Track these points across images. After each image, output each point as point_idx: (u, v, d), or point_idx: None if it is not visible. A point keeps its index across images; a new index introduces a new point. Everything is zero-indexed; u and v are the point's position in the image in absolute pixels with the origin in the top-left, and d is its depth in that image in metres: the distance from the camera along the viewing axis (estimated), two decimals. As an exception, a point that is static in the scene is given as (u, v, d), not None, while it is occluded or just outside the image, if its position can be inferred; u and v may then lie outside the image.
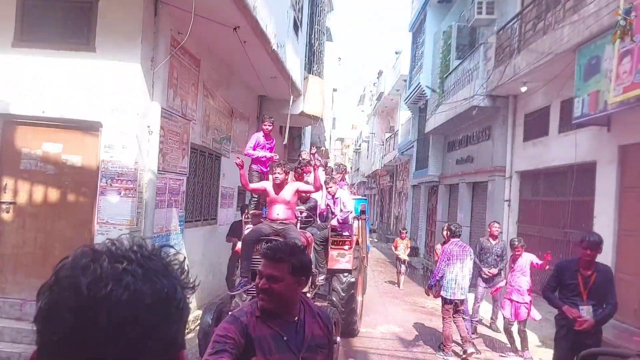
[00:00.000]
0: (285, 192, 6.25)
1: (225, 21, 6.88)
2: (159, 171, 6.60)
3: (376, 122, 35.11)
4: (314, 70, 13.37)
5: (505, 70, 10.65)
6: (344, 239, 7.80)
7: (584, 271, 4.81)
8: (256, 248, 6.00)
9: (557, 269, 5.06)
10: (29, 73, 6.15)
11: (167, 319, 0.80)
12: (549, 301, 5.05)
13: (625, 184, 7.86)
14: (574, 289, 4.83)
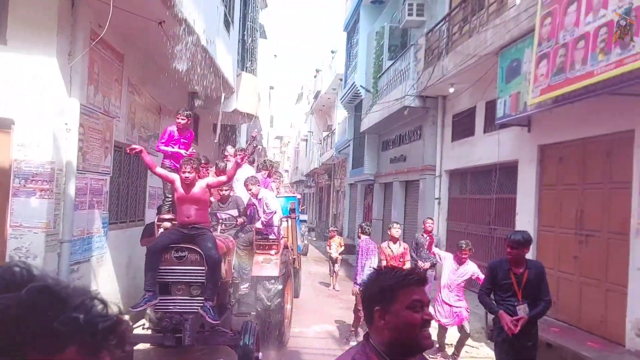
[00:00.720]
0: (194, 190, 5.62)
1: (148, 15, 6.64)
2: (79, 171, 6.29)
3: (314, 121, 35.22)
4: (248, 68, 13.21)
5: (433, 71, 10.92)
6: (270, 242, 7.16)
7: (515, 269, 4.73)
8: (164, 257, 5.42)
9: (490, 270, 4.94)
10: None
11: None
12: (485, 305, 4.97)
13: (544, 182, 8.24)
14: (508, 289, 4.74)
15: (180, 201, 5.66)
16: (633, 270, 6.09)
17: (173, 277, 5.45)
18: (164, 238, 5.61)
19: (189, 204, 5.60)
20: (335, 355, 6.63)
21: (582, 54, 5.90)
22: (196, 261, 5.43)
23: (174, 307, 5.40)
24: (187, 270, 5.44)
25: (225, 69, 10.23)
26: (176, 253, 5.44)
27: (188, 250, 5.44)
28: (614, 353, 6.02)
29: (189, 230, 5.54)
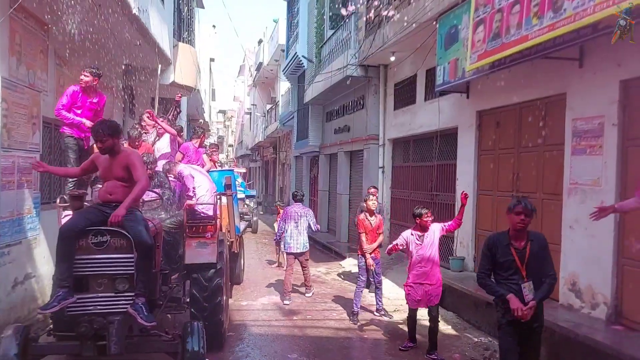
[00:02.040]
0: (116, 164, 4.69)
1: (72, -19, 6.24)
2: (4, 148, 5.93)
3: (257, 94, 34.71)
4: (185, 38, 12.78)
5: (374, 39, 10.89)
6: (204, 223, 6.14)
7: (516, 243, 4.29)
8: (79, 244, 4.33)
9: (487, 247, 4.43)
10: None
11: None
12: (488, 289, 4.43)
13: (482, 147, 8.45)
14: (509, 267, 4.26)
15: (103, 178, 4.85)
16: (566, 228, 6.37)
17: (92, 269, 4.37)
18: (78, 219, 4.48)
19: (111, 180, 4.71)
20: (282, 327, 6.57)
21: (517, 18, 6.00)
22: (122, 247, 4.41)
23: (95, 307, 4.33)
24: (111, 260, 4.39)
25: (161, 39, 9.84)
26: (95, 238, 4.36)
27: (111, 234, 4.38)
28: (548, 308, 6.30)
29: (112, 209, 4.47)
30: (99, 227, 4.38)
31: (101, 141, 4.59)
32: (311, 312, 8.18)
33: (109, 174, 4.73)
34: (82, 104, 6.13)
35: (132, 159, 4.72)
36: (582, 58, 6.06)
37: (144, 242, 4.43)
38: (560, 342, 5.56)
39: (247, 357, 6.15)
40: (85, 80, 6.09)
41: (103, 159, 4.77)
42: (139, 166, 4.72)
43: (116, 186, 4.67)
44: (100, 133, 4.58)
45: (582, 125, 6.09)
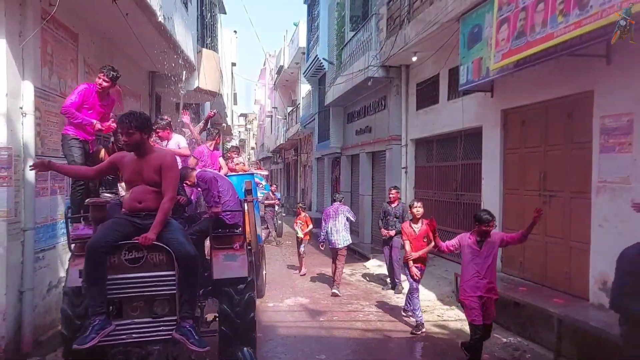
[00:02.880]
0: (148, 166, 4.04)
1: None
2: (38, 156, 6.08)
3: (278, 96, 34.89)
4: (208, 44, 12.94)
5: (396, 40, 10.89)
6: (231, 232, 5.53)
7: None
8: (110, 262, 3.80)
9: (626, 263, 3.61)
10: None
11: None
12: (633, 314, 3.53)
13: (508, 146, 8.39)
14: None
15: (129, 182, 4.17)
16: (595, 227, 6.29)
17: (127, 291, 3.85)
18: (107, 232, 3.85)
19: (141, 185, 4.09)
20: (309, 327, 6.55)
21: (542, 16, 5.96)
22: (161, 263, 3.90)
23: (130, 336, 3.83)
24: (149, 279, 3.87)
25: (185, 45, 9.99)
26: (129, 254, 3.84)
27: (147, 249, 3.86)
28: (579, 307, 6.25)
29: (142, 219, 3.95)
30: (134, 241, 3.80)
31: (127, 134, 3.96)
32: (337, 313, 8.22)
33: (137, 177, 4.07)
34: (92, 104, 5.63)
35: (168, 162, 4.08)
36: (609, 55, 5.99)
37: (188, 255, 3.86)
38: (592, 341, 5.50)
39: (275, 357, 6.22)
40: (104, 86, 5.72)
41: (129, 160, 4.09)
42: (174, 173, 4.14)
43: (146, 192, 4.03)
44: (127, 124, 3.95)
45: (611, 123, 6.02)
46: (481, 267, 5.53)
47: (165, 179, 4.04)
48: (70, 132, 5.61)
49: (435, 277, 9.59)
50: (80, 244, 4.51)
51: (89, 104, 5.63)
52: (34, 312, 5.95)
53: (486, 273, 5.53)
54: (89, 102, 5.61)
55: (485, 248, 5.57)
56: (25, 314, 5.80)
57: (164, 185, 4.03)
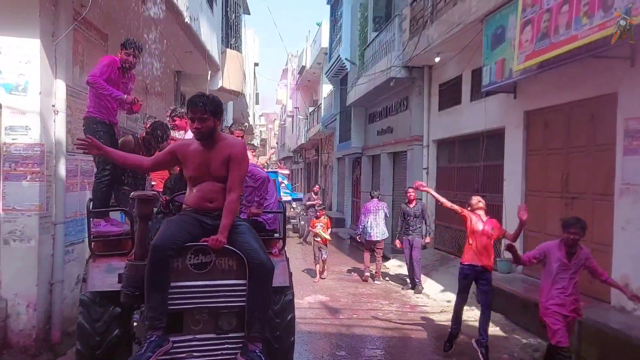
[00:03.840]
0: (216, 157, 3.47)
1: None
2: (69, 152, 6.28)
3: (300, 96, 35.06)
4: (232, 44, 13.12)
5: (419, 41, 10.92)
6: (270, 237, 4.75)
7: None
8: (174, 266, 3.31)
9: None
10: None
11: None
12: None
13: (530, 147, 8.37)
14: None
15: (197, 172, 3.51)
16: (617, 229, 6.26)
17: (190, 302, 3.35)
18: (176, 231, 3.33)
19: (212, 178, 3.50)
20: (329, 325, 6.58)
21: (566, 18, 5.96)
22: (230, 270, 3.41)
23: (189, 354, 3.35)
24: (215, 288, 3.37)
25: (210, 46, 10.17)
26: (195, 258, 3.35)
27: (216, 252, 3.37)
28: (600, 310, 6.23)
29: (213, 219, 3.45)
30: (202, 244, 3.32)
31: (200, 119, 3.36)
32: (357, 311, 8.30)
33: (204, 171, 3.48)
34: (115, 81, 5.07)
35: (237, 153, 3.49)
36: (633, 57, 5.95)
37: (262, 262, 3.34)
38: (612, 344, 5.49)
39: (296, 353, 6.31)
40: (132, 61, 5.14)
41: (195, 151, 3.48)
42: (244, 167, 3.57)
43: (217, 190, 3.49)
44: (200, 107, 3.35)
45: (635, 125, 5.99)
46: (568, 282, 4.95)
47: (233, 171, 3.45)
48: (95, 114, 4.93)
49: (455, 278, 9.56)
50: (102, 242, 4.29)
51: (112, 80, 5.02)
52: (63, 304, 6.14)
53: (573, 290, 4.98)
54: (112, 77, 5.01)
55: (575, 261, 4.97)
56: (54, 305, 6.00)
57: (231, 180, 3.46)
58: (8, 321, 5.67)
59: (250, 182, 4.98)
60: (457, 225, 10.87)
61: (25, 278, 5.69)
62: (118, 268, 3.80)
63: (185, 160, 3.57)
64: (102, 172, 4.92)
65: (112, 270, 3.90)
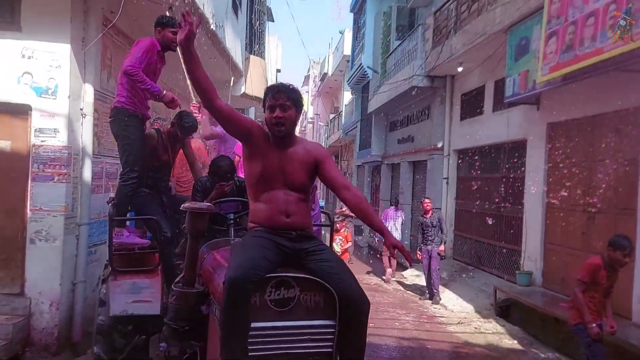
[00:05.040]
0: (297, 159, 2.84)
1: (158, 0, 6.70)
2: (95, 155, 6.42)
3: (320, 103, 35.17)
4: (255, 51, 13.25)
5: (442, 50, 10.92)
6: None
7: None
8: (253, 301, 2.53)
9: None
10: (-52, 54, 5.81)
11: None
12: None
13: (552, 160, 8.30)
14: None
15: (269, 174, 2.81)
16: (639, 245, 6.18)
17: (268, 348, 2.59)
18: (255, 259, 2.54)
19: (285, 186, 2.82)
20: None
21: (592, 30, 5.92)
22: (316, 308, 2.63)
23: None
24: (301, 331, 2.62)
25: (234, 52, 10.29)
26: (276, 292, 2.58)
27: (301, 286, 2.61)
28: (621, 326, 6.13)
29: (293, 241, 2.76)
30: (285, 274, 2.59)
31: (281, 107, 2.75)
32: (373, 320, 8.28)
33: (277, 175, 2.81)
34: (154, 66, 4.48)
35: (324, 153, 2.99)
36: (660, 70, 5.90)
37: (356, 298, 2.65)
38: (634, 361, 5.41)
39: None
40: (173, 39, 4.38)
41: (266, 146, 2.83)
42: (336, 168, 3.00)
43: (292, 201, 2.81)
44: (283, 94, 2.77)
45: (660, 140, 5.91)
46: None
47: (331, 171, 2.91)
48: (128, 105, 4.35)
49: (474, 290, 9.53)
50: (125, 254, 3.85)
51: (151, 65, 4.41)
52: (85, 304, 6.25)
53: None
54: (151, 62, 4.40)
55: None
56: (77, 305, 6.11)
57: (339, 178, 2.92)
58: (31, 319, 5.80)
59: None
60: (476, 236, 10.81)
61: (49, 277, 5.81)
62: (143, 287, 3.45)
63: (254, 152, 2.85)
64: (129, 173, 4.31)
65: (136, 289, 3.52)
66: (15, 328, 5.57)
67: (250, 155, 2.89)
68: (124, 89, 4.39)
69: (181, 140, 4.79)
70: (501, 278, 9.44)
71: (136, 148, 4.35)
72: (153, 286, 3.75)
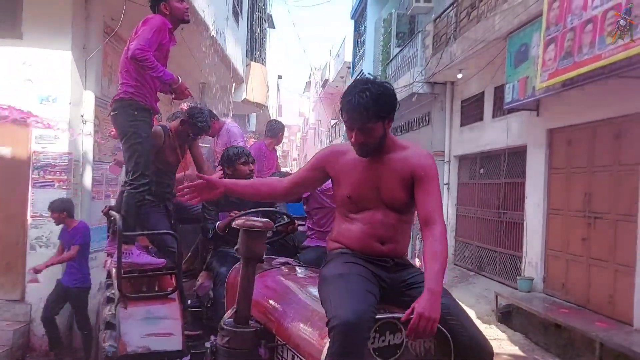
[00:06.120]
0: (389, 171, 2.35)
1: (160, 7, 6.75)
2: (95, 161, 6.46)
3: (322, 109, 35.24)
4: (257, 57, 13.32)
5: (441, 57, 10.95)
6: None
7: None
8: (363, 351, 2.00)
9: None
10: (-49, 61, 5.86)
11: None
12: None
13: (553, 166, 8.30)
14: None
15: (361, 195, 2.38)
16: (641, 251, 6.17)
17: None
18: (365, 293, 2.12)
19: (382, 205, 2.36)
20: None
21: (590, 37, 5.93)
22: (428, 356, 2.16)
23: None
24: None
25: (235, 59, 10.35)
26: (380, 339, 2.09)
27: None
28: (623, 332, 6.12)
29: (389, 271, 2.34)
30: (392, 315, 2.11)
31: (362, 130, 2.27)
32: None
33: (372, 194, 2.36)
34: (165, 48, 3.90)
35: (428, 165, 2.37)
36: (659, 77, 5.91)
37: (476, 344, 2.18)
38: (635, 368, 5.39)
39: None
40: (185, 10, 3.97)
41: (353, 162, 2.39)
42: (437, 185, 2.40)
43: (391, 224, 2.36)
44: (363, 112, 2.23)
45: (660, 145, 5.92)
46: None
47: (429, 193, 2.32)
48: (137, 96, 3.72)
49: (475, 295, 9.51)
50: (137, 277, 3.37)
51: (163, 47, 3.84)
52: (85, 310, 6.26)
53: None
54: (163, 43, 3.83)
55: None
56: (77, 310, 6.12)
57: (430, 205, 2.30)
58: (32, 325, 5.83)
59: (330, 201, 3.89)
60: (477, 242, 10.81)
61: (50, 283, 5.83)
62: (160, 317, 2.99)
63: (339, 177, 2.44)
64: (139, 179, 3.63)
65: (152, 319, 3.04)
66: (16, 334, 5.59)
67: (337, 181, 2.47)
68: (130, 77, 3.75)
69: (192, 140, 4.33)
70: (502, 284, 9.42)
71: (147, 148, 3.74)
72: (171, 315, 3.13)
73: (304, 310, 2.33)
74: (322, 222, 4.07)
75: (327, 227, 3.91)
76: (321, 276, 2.35)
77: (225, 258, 3.60)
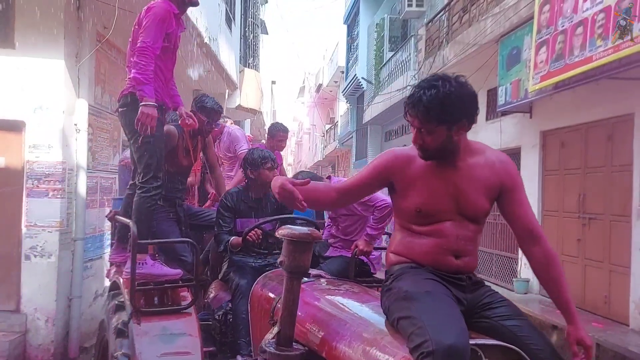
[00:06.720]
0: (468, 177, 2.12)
1: (152, 15, 6.76)
2: (89, 170, 6.43)
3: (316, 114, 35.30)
4: (250, 63, 13.32)
5: (434, 61, 11.00)
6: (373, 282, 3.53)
7: None
8: None
9: None
10: (-58, 71, 5.83)
11: None
12: None
13: (546, 167, 8.34)
14: None
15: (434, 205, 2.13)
16: (635, 251, 6.19)
17: None
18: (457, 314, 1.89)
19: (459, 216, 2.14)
20: None
21: (581, 39, 5.98)
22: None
23: None
24: None
25: (228, 65, 10.35)
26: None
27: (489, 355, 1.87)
28: (618, 332, 6.14)
29: (466, 291, 2.14)
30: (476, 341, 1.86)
31: (425, 131, 2.08)
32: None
33: (447, 204, 2.11)
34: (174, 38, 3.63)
35: (514, 172, 2.26)
36: (650, 78, 5.95)
37: None
38: (631, 368, 5.41)
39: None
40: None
41: (424, 169, 2.15)
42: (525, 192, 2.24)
43: (468, 238, 2.17)
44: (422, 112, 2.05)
45: (652, 146, 5.96)
46: None
47: (522, 206, 2.23)
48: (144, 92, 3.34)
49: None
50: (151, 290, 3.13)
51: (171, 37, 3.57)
52: (81, 319, 6.23)
53: None
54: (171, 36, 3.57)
55: None
56: (72, 320, 6.09)
57: (528, 220, 2.22)
58: (27, 336, 5.78)
59: (361, 209, 3.74)
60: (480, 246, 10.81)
61: (45, 293, 5.80)
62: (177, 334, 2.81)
63: (406, 188, 2.15)
64: (151, 181, 3.33)
65: (168, 337, 2.83)
66: (12, 344, 5.55)
67: (402, 190, 2.16)
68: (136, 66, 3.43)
69: (203, 140, 4.04)
70: (498, 286, 9.43)
71: (160, 149, 3.44)
72: (189, 331, 2.91)
73: (364, 330, 2.05)
74: (349, 230, 3.86)
75: (354, 236, 3.71)
76: (395, 292, 2.03)
77: (244, 269, 3.46)
